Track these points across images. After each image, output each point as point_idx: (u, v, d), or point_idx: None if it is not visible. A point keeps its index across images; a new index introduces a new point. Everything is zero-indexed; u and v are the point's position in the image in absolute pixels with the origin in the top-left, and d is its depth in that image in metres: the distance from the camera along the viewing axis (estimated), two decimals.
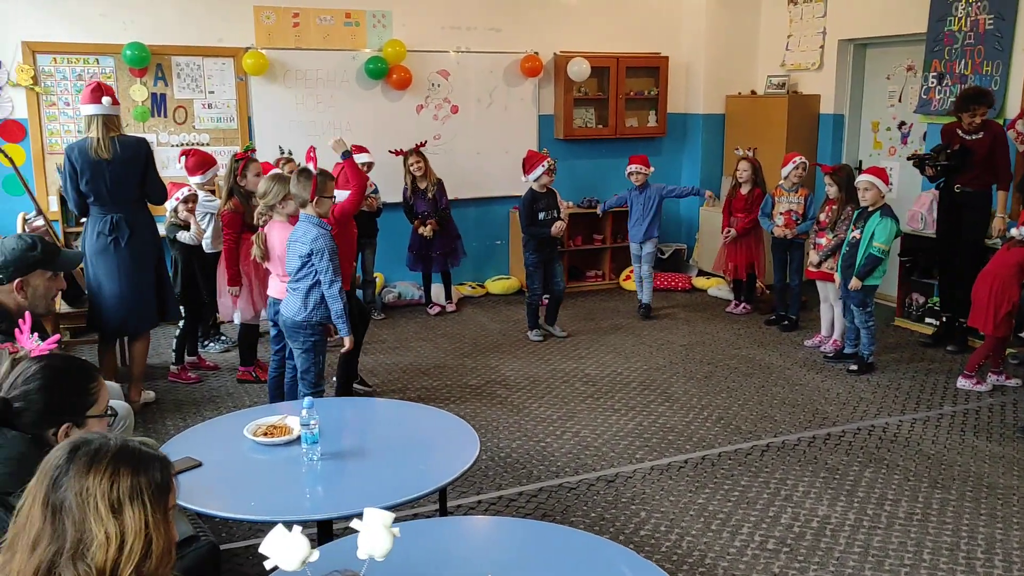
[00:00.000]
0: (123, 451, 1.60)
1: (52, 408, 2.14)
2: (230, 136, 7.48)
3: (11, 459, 2.03)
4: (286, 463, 3.17)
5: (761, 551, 3.73)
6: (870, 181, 5.90)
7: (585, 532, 2.83)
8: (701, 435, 5.00)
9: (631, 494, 4.27)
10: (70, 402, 2.18)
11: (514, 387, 5.80)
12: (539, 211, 6.71)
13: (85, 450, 1.59)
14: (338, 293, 4.34)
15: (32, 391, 2.12)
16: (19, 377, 2.15)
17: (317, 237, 4.33)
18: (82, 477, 1.55)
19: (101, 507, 1.53)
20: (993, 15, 6.67)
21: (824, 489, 4.30)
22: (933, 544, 3.78)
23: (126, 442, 1.63)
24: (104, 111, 4.98)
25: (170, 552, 1.61)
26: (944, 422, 5.16)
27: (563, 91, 8.42)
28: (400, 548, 1.90)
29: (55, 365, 2.21)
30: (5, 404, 2.10)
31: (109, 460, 1.57)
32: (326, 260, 4.31)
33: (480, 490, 4.31)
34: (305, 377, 4.53)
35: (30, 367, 2.16)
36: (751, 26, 8.94)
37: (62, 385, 2.18)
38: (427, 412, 3.81)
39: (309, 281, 4.38)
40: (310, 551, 1.74)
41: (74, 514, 1.53)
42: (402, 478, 3.06)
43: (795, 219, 6.96)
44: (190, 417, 5.27)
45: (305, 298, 4.40)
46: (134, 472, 1.58)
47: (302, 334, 4.45)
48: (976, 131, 6.10)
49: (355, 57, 7.73)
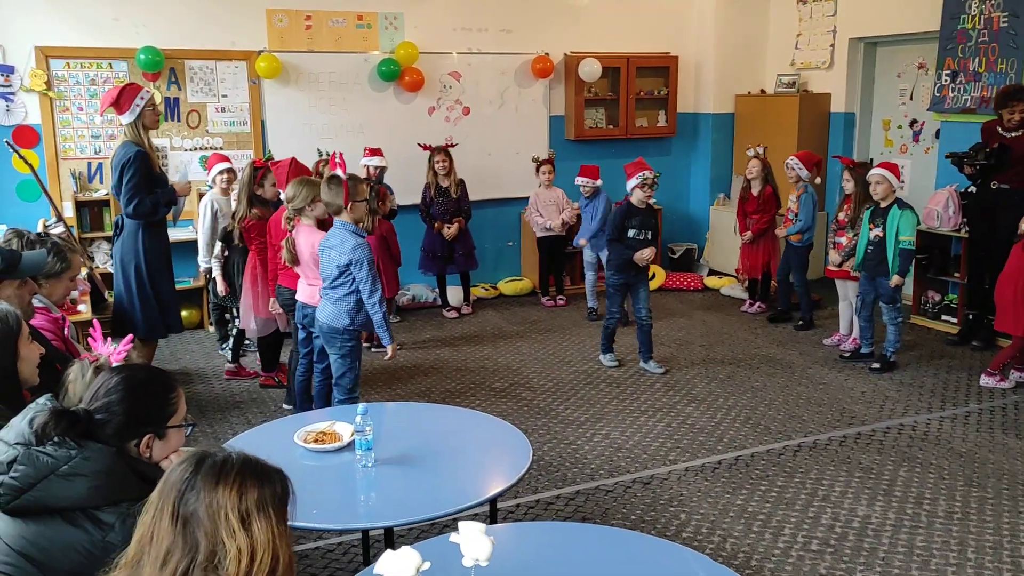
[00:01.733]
0: (247, 464, 1.60)
1: (134, 419, 2.12)
2: (243, 140, 7.45)
3: (98, 472, 2.01)
4: (339, 470, 3.16)
5: (806, 552, 3.73)
6: (882, 175, 5.94)
7: (656, 537, 2.82)
8: (731, 435, 5.00)
9: (668, 496, 4.27)
10: (152, 413, 2.16)
11: (538, 390, 5.79)
12: (629, 228, 5.96)
13: (211, 463, 1.58)
14: (378, 302, 4.32)
15: (114, 402, 2.10)
16: (100, 388, 2.13)
17: (356, 247, 4.29)
18: (211, 490, 1.54)
19: (232, 519, 1.53)
20: (1007, 12, 6.69)
21: (861, 489, 4.30)
22: (976, 543, 3.78)
23: (247, 455, 1.62)
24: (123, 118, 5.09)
25: (292, 566, 1.60)
26: (972, 420, 5.18)
27: (574, 92, 8.42)
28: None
29: (136, 376, 2.19)
30: (88, 415, 2.08)
31: (236, 473, 1.57)
32: (365, 270, 4.28)
33: (517, 493, 4.30)
34: (340, 382, 4.51)
35: (111, 378, 2.14)
36: (760, 25, 8.95)
37: (144, 396, 2.16)
38: (475, 417, 3.79)
39: (347, 288, 4.35)
40: (421, 561, 1.74)
41: (205, 526, 1.52)
42: (456, 485, 3.06)
43: (792, 219, 7.00)
44: (216, 423, 5.25)
45: (343, 304, 4.38)
46: (259, 484, 1.58)
47: (339, 339, 4.43)
48: (1016, 128, 6.12)
49: (367, 59, 7.71)
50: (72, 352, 3.42)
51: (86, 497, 1.99)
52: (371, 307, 4.33)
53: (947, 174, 6.88)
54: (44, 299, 3.58)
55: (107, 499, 2.00)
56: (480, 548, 1.82)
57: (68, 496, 1.99)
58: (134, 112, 5.04)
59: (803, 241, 7.00)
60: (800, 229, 6.95)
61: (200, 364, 6.37)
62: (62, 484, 1.99)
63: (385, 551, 1.87)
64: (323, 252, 4.47)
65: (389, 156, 7.13)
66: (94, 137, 6.98)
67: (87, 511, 2.00)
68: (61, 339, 3.50)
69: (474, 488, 3.03)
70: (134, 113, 5.04)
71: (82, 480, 1.99)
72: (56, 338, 3.43)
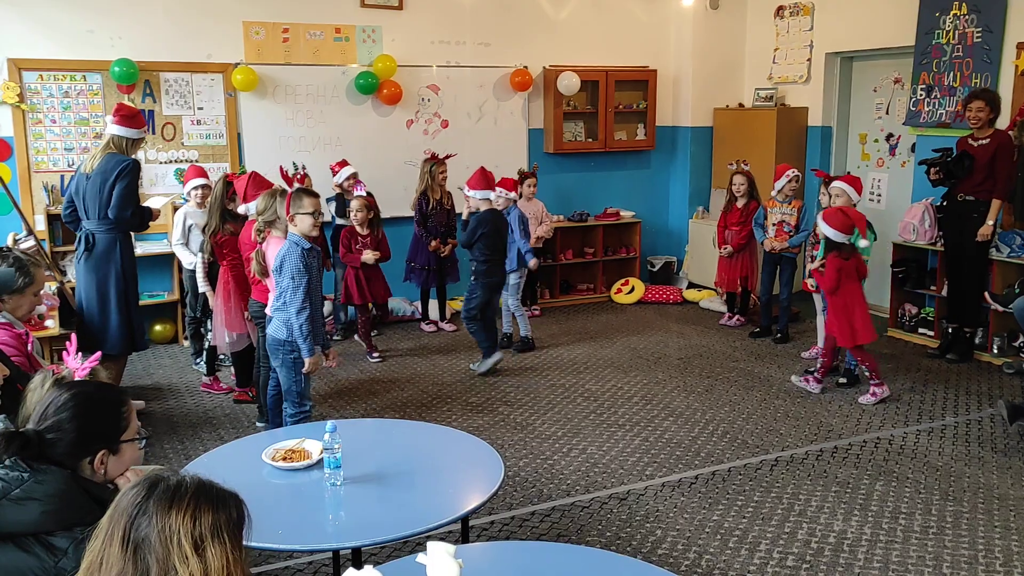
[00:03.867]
0: (202, 488, 1.57)
1: (86, 436, 2.06)
2: (219, 153, 7.39)
3: (51, 496, 1.95)
4: (308, 488, 3.11)
5: (781, 568, 3.71)
6: (841, 187, 5.99)
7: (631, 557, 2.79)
8: (708, 450, 4.98)
9: (645, 512, 4.24)
10: (104, 428, 2.11)
11: (515, 404, 5.75)
12: None
13: (164, 487, 1.54)
14: (297, 312, 4.29)
15: (65, 420, 2.05)
16: (49, 407, 2.08)
17: (285, 255, 4.32)
18: (164, 515, 1.50)
19: (186, 545, 1.49)
20: (981, 28, 6.75)
21: (837, 503, 4.29)
22: (952, 557, 3.77)
23: (201, 479, 1.59)
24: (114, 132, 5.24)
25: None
26: (948, 433, 5.18)
27: (553, 105, 8.42)
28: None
29: (85, 392, 2.14)
30: (39, 436, 2.02)
31: (190, 497, 1.53)
32: (287, 277, 4.29)
33: (492, 510, 4.25)
34: (288, 396, 4.51)
35: (60, 396, 2.09)
36: (738, 40, 9.00)
37: (94, 411, 2.11)
38: (447, 433, 3.76)
39: (283, 299, 4.36)
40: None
41: (157, 552, 1.48)
42: (427, 503, 3.02)
43: (787, 230, 7.00)
44: (187, 440, 5.18)
45: (282, 315, 4.40)
46: (214, 509, 1.54)
47: (281, 351, 4.43)
48: (984, 137, 6.17)
49: (345, 72, 7.68)
50: (36, 368, 3.35)
51: (38, 522, 1.93)
52: (291, 314, 4.31)
53: (923, 188, 6.92)
54: (8, 315, 3.51)
55: (60, 524, 1.95)
56: (448, 571, 1.78)
57: (20, 521, 1.93)
58: (140, 133, 5.30)
59: (797, 253, 7.02)
60: (801, 242, 6.93)
61: (173, 379, 6.30)
62: (14, 509, 1.93)
63: (348, 569, 1.83)
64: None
65: (367, 169, 7.12)
66: (67, 150, 6.90)
67: (39, 536, 1.94)
68: (24, 355, 3.43)
69: (445, 506, 2.99)
70: (140, 134, 5.31)
71: (35, 504, 1.94)
72: (19, 354, 3.37)
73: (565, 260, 8.61)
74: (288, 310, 4.32)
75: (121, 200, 5.13)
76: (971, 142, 6.28)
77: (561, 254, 8.56)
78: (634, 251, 8.90)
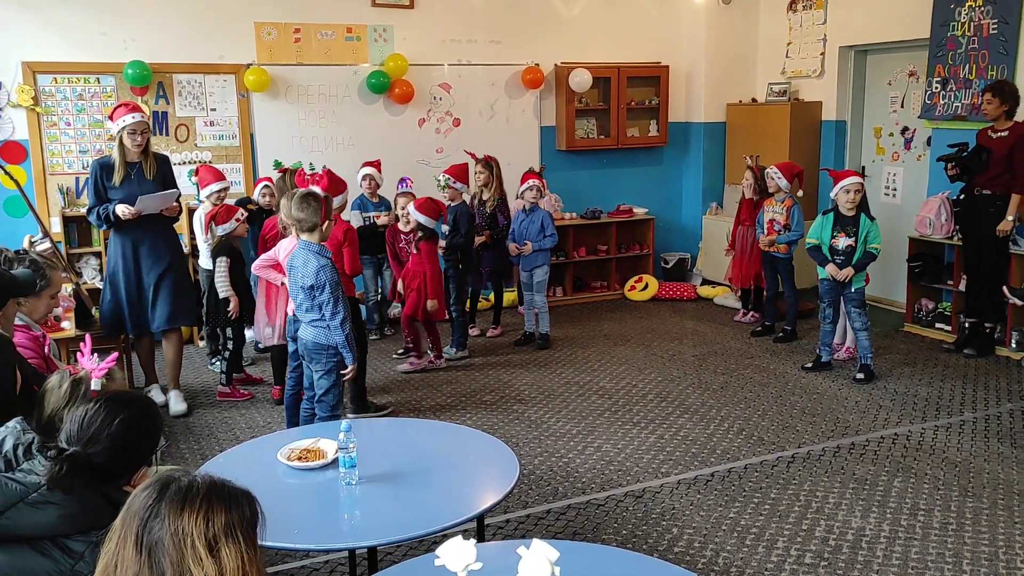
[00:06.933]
0: (213, 488, 1.55)
1: (134, 459, 2.06)
2: (232, 153, 7.41)
3: (68, 500, 1.95)
4: (323, 488, 3.11)
5: (799, 566, 3.68)
6: (859, 183, 5.92)
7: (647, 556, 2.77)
8: (724, 447, 4.95)
9: (661, 509, 4.22)
10: (147, 448, 2.11)
11: (529, 402, 5.74)
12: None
13: (175, 489, 1.53)
14: (341, 324, 4.27)
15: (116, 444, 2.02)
16: (94, 428, 2.03)
17: (319, 270, 4.23)
18: (176, 517, 1.49)
19: (199, 547, 1.48)
20: (997, 19, 6.68)
21: (855, 500, 4.26)
22: (972, 554, 3.74)
23: (213, 478, 1.58)
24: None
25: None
26: (967, 429, 5.14)
27: (564, 102, 8.40)
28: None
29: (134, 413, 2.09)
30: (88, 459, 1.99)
31: (202, 498, 1.52)
32: (327, 293, 4.24)
33: (507, 508, 4.25)
34: (324, 399, 4.44)
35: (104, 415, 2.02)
36: (751, 34, 8.95)
37: (140, 433, 2.09)
38: (462, 432, 3.75)
39: (317, 313, 4.31)
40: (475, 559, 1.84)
41: (171, 555, 1.48)
42: (442, 502, 3.01)
43: (778, 229, 6.95)
44: (203, 439, 5.20)
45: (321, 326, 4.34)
46: (227, 509, 1.53)
47: (324, 356, 4.37)
48: (1004, 130, 6.13)
49: (357, 72, 7.69)
50: (53, 370, 3.37)
51: (56, 525, 1.94)
52: (334, 328, 4.28)
53: (939, 181, 6.86)
54: (24, 317, 3.53)
55: (77, 527, 1.95)
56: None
57: (37, 524, 1.94)
58: (117, 126, 5.23)
59: (790, 252, 6.96)
60: (792, 239, 6.91)
61: (189, 379, 6.31)
62: (31, 512, 1.94)
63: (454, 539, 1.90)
64: (289, 272, 4.42)
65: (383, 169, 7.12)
66: (82, 152, 6.94)
67: (56, 540, 1.94)
68: (41, 357, 3.45)
69: (461, 505, 2.98)
70: (116, 127, 5.25)
71: (52, 508, 1.94)
72: (36, 356, 3.39)
73: (578, 257, 8.59)
74: (330, 323, 4.28)
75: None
76: (990, 134, 6.22)
77: (574, 252, 8.53)
78: (647, 248, 8.87)
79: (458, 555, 1.85)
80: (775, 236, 6.94)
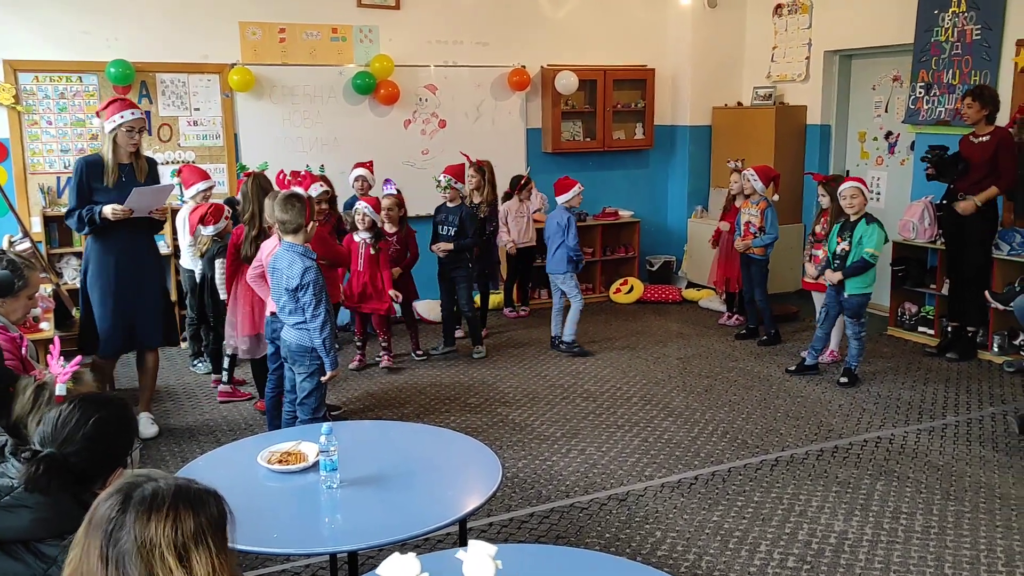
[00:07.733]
0: (179, 493, 1.48)
1: (109, 459, 2.03)
2: (216, 153, 7.37)
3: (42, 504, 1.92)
4: (304, 491, 3.08)
5: (782, 569, 3.68)
6: (858, 187, 5.91)
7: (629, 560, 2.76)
8: (708, 450, 4.95)
9: (644, 513, 4.21)
10: (123, 449, 2.08)
11: (514, 404, 5.73)
12: (438, 224, 6.75)
13: (140, 497, 1.46)
14: (321, 326, 4.24)
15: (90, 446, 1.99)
16: (68, 429, 1.99)
17: (305, 271, 4.20)
18: (143, 527, 1.43)
19: (168, 557, 1.42)
20: (980, 25, 6.73)
21: (838, 504, 4.26)
22: (953, 558, 3.75)
23: (178, 481, 1.52)
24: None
25: None
26: (949, 432, 5.16)
27: (551, 104, 8.39)
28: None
29: (108, 415, 2.07)
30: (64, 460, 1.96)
31: (169, 505, 1.46)
32: (310, 294, 4.21)
33: (490, 512, 4.23)
34: (306, 402, 4.41)
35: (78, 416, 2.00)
36: (736, 38, 8.97)
37: (115, 434, 2.06)
38: (445, 435, 3.73)
39: (301, 315, 4.28)
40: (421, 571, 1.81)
41: (139, 568, 1.43)
42: (424, 506, 2.99)
43: (753, 231, 6.95)
44: (184, 442, 5.15)
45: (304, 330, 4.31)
46: (195, 513, 1.47)
47: (307, 358, 4.34)
48: (985, 134, 6.16)
49: (342, 72, 7.66)
50: (30, 372, 3.33)
51: (28, 529, 1.91)
52: (313, 330, 4.25)
53: (922, 186, 6.90)
54: (2, 318, 3.49)
55: (50, 532, 1.92)
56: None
57: (10, 528, 1.91)
58: (111, 123, 4.82)
59: (766, 255, 6.97)
60: (767, 243, 6.90)
61: (170, 381, 6.27)
62: (4, 516, 1.91)
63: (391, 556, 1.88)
64: (272, 274, 4.38)
65: None
66: (63, 151, 6.88)
67: (29, 543, 1.91)
68: (19, 358, 3.40)
69: (443, 508, 2.95)
70: (110, 125, 4.82)
71: (25, 512, 1.91)
72: (13, 358, 3.34)
73: None
74: (310, 324, 4.25)
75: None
76: (972, 139, 6.26)
77: None
78: (633, 251, 8.87)
79: (401, 570, 1.83)
80: (751, 240, 6.94)
